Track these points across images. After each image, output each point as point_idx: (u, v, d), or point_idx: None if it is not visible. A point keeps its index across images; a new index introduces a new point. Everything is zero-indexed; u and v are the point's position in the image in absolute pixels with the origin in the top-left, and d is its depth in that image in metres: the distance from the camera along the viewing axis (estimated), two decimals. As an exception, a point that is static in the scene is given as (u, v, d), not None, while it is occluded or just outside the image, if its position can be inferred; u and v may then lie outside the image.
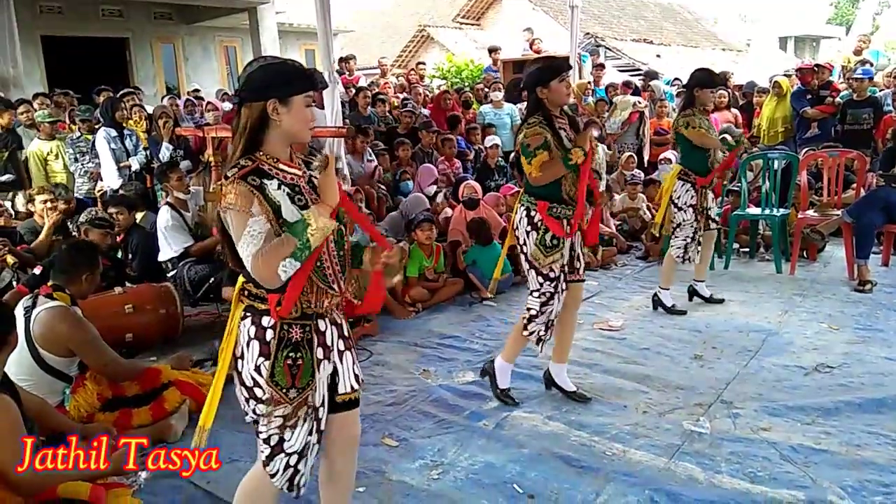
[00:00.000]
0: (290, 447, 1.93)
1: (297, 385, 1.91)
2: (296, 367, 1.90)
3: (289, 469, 1.95)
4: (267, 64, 1.90)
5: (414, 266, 5.09)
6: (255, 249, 1.77)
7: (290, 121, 1.86)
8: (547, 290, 3.22)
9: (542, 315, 3.25)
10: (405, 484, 2.75)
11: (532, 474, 2.78)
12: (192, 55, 13.42)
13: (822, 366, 3.72)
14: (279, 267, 1.75)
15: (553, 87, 3.12)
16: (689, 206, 4.49)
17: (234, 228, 1.81)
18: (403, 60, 18.45)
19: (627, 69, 15.40)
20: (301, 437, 1.94)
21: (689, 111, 4.42)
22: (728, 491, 2.60)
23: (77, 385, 3.12)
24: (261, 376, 1.89)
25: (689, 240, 4.52)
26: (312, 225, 1.77)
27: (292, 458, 1.94)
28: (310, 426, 1.96)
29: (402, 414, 3.35)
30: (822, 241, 5.74)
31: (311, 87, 1.89)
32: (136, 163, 6.07)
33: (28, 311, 3.03)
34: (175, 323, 4.36)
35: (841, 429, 3.04)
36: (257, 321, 1.90)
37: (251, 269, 1.79)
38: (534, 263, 3.22)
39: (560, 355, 3.45)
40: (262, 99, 1.85)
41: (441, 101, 8.53)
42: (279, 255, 1.75)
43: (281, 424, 1.91)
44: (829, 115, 7.52)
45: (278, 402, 1.89)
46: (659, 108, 8.45)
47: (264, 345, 1.89)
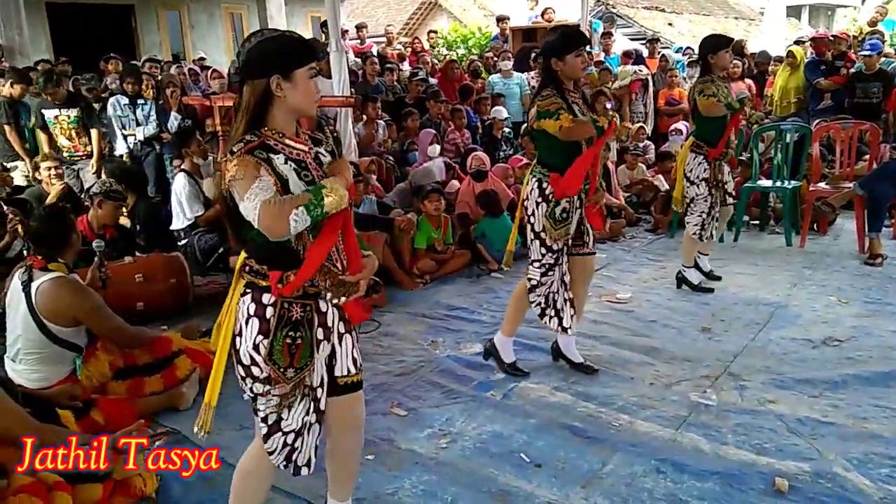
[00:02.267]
0: (288, 426, 1.93)
1: (296, 365, 1.89)
2: (294, 346, 1.88)
3: (286, 447, 1.95)
4: (265, 39, 1.84)
5: (422, 237, 5.09)
6: (266, 197, 1.71)
7: (294, 95, 1.83)
8: (548, 261, 3.22)
9: (542, 286, 3.25)
10: (414, 452, 2.78)
11: (539, 444, 2.81)
12: (197, 23, 13.29)
13: (830, 339, 3.72)
14: (291, 215, 1.68)
15: (568, 61, 3.07)
16: (701, 179, 4.34)
17: (241, 190, 1.74)
18: (410, 28, 18.24)
19: (638, 37, 15.17)
20: (298, 416, 1.94)
21: (707, 77, 4.23)
22: (734, 462, 2.62)
23: (89, 355, 3.14)
24: (259, 355, 1.86)
25: (705, 215, 4.36)
26: (328, 189, 1.75)
27: (289, 436, 1.94)
28: (307, 406, 1.95)
29: (411, 384, 3.38)
30: (834, 213, 5.70)
31: (312, 59, 1.84)
32: (143, 132, 6.06)
33: (26, 284, 2.99)
34: (185, 292, 4.40)
35: (848, 402, 3.05)
36: (257, 298, 1.86)
37: (259, 219, 1.70)
38: (540, 234, 3.21)
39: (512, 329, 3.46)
40: (264, 76, 1.80)
41: (448, 70, 8.44)
42: (292, 204, 1.70)
43: (278, 403, 1.91)
44: (841, 85, 7.41)
45: (276, 381, 1.88)
46: (669, 78, 8.32)
47: (264, 322, 1.85)
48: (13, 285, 3.09)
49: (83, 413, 2.83)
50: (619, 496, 2.45)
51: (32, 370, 3.03)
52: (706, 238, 4.45)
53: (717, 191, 4.39)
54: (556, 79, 3.12)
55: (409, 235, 5.01)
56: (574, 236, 3.29)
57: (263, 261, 1.87)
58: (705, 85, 4.22)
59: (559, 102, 3.05)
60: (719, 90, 4.21)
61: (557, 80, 3.12)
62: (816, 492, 2.43)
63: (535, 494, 2.48)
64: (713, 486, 2.48)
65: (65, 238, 3.17)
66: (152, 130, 6.08)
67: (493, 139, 7.16)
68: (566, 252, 3.27)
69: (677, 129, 7.47)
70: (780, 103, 7.90)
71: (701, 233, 4.41)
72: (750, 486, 2.47)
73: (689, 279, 4.61)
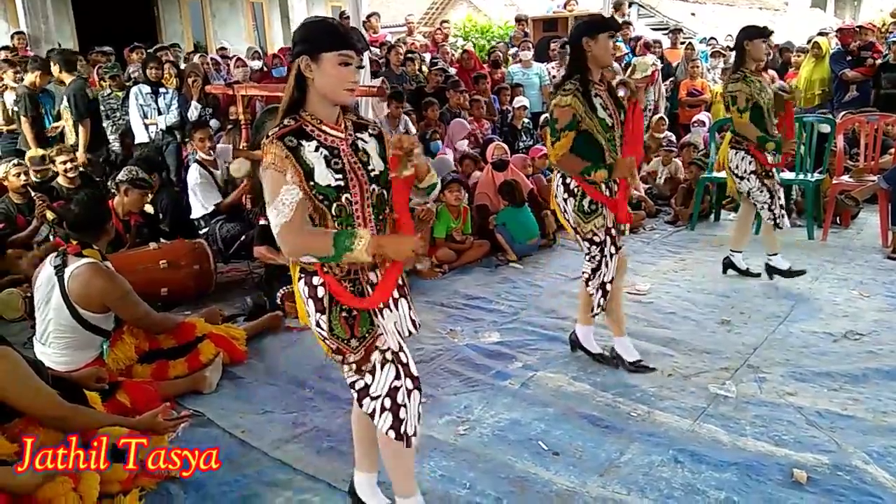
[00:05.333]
0: (375, 391, 1.98)
1: (357, 335, 1.97)
2: (352, 318, 1.96)
3: (385, 412, 1.96)
4: (307, 21, 1.93)
5: (441, 227, 5.11)
6: (284, 220, 1.82)
7: (320, 79, 1.87)
8: (595, 253, 3.21)
9: (596, 278, 3.24)
10: (432, 438, 2.81)
11: (557, 432, 2.83)
12: (218, 12, 13.35)
13: (851, 333, 3.70)
14: (302, 253, 1.88)
15: (601, 41, 3.00)
16: (750, 173, 4.23)
17: (269, 189, 1.85)
18: (430, 18, 18.19)
19: (660, 27, 15.02)
20: (385, 381, 1.98)
21: (739, 74, 4.12)
22: (752, 453, 2.62)
23: (115, 339, 3.22)
24: (322, 330, 1.97)
25: (770, 203, 4.23)
26: (356, 248, 1.79)
27: (384, 401, 1.97)
28: (394, 371, 1.99)
29: (430, 372, 3.41)
30: (857, 207, 5.63)
31: (341, 46, 1.86)
32: (164, 121, 6.13)
33: (59, 269, 3.06)
34: (208, 279, 4.46)
35: (868, 395, 3.04)
36: (309, 281, 1.97)
37: (277, 237, 1.85)
38: (577, 230, 3.21)
39: (587, 318, 3.47)
40: (296, 56, 1.88)
41: (464, 60, 8.44)
42: (307, 246, 1.86)
43: (357, 369, 1.98)
44: (868, 77, 7.30)
45: (343, 351, 1.97)
46: (692, 69, 8.24)
47: (318, 301, 1.96)
48: (45, 270, 3.15)
49: (109, 395, 2.90)
50: (636, 485, 2.47)
51: (61, 353, 3.09)
52: (784, 225, 4.33)
53: (769, 179, 4.26)
54: (583, 66, 3.05)
55: (429, 225, 5.03)
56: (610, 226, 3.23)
57: None
58: (737, 89, 4.08)
59: (573, 107, 2.99)
60: (753, 87, 4.09)
61: (584, 69, 3.06)
62: (835, 484, 2.42)
63: (552, 481, 2.50)
64: (731, 476, 2.49)
65: (102, 224, 3.25)
66: (174, 119, 6.14)
67: (513, 129, 7.15)
68: (610, 243, 3.20)
69: (699, 121, 7.41)
70: (804, 95, 7.79)
71: (776, 220, 4.29)
72: (768, 477, 2.47)
73: (777, 267, 4.49)
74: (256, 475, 2.61)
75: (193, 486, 2.54)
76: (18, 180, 4.91)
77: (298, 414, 3.04)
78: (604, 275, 3.23)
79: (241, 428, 2.92)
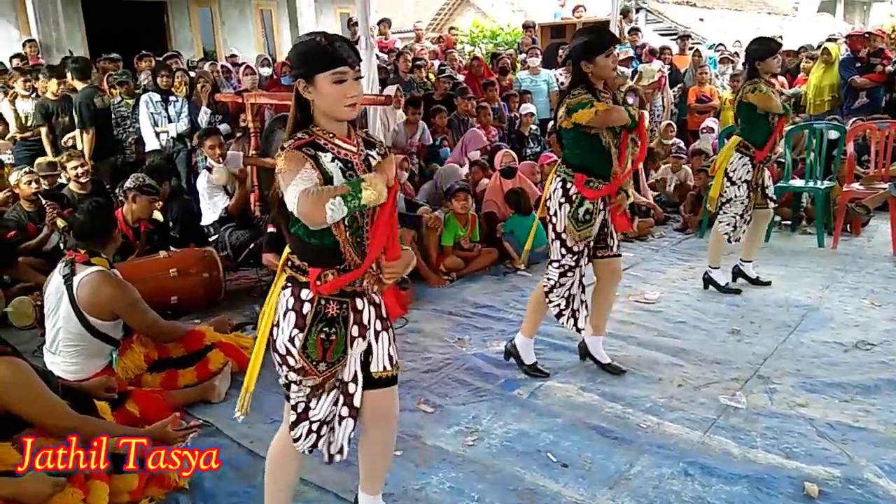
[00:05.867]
0: (315, 415, 1.99)
1: (328, 360, 1.94)
2: (328, 342, 1.93)
3: (311, 434, 2.01)
4: (297, 43, 1.94)
5: (449, 235, 5.11)
6: (305, 187, 1.73)
7: (319, 100, 1.87)
8: (567, 262, 3.22)
9: (561, 287, 3.24)
10: (441, 449, 2.81)
11: (565, 444, 2.81)
12: (228, 19, 13.45)
13: (862, 343, 3.67)
14: (328, 203, 1.69)
15: (598, 62, 3.03)
16: (743, 181, 4.26)
17: (285, 181, 1.77)
18: (438, 24, 18.23)
19: (668, 33, 15.00)
20: (326, 406, 1.99)
21: (754, 82, 4.16)
22: (763, 466, 2.60)
23: (125, 347, 3.23)
24: (294, 347, 1.92)
25: (739, 217, 4.30)
26: (367, 183, 1.75)
27: (315, 425, 2.00)
28: (335, 397, 2.01)
29: (438, 381, 3.41)
30: (867, 215, 5.60)
31: (333, 65, 1.83)
32: (175, 129, 6.16)
33: (68, 278, 3.07)
34: (218, 287, 4.47)
35: (880, 407, 3.01)
36: (296, 293, 1.92)
37: (298, 206, 1.72)
38: (562, 235, 3.20)
39: (597, 328, 3.46)
40: (294, 79, 1.89)
41: (472, 67, 8.45)
42: (330, 193, 1.72)
43: (309, 394, 1.97)
44: (878, 84, 7.26)
45: (308, 373, 1.93)
46: (700, 75, 8.22)
47: (300, 317, 1.91)
48: (54, 279, 3.17)
49: (119, 405, 2.90)
50: (646, 498, 2.45)
51: (71, 362, 3.11)
52: (734, 240, 4.39)
53: (754, 194, 4.31)
54: (588, 81, 3.09)
55: (437, 233, 5.04)
56: (597, 238, 3.27)
57: (304, 257, 1.93)
58: (756, 84, 4.16)
59: (590, 97, 3.04)
60: (768, 90, 4.16)
61: (588, 82, 3.09)
62: (846, 497, 2.40)
63: (561, 494, 2.49)
64: (742, 489, 2.47)
65: (109, 233, 3.26)
66: (184, 127, 6.18)
67: (520, 136, 7.15)
68: (587, 254, 3.25)
69: (708, 127, 7.39)
70: (814, 101, 7.76)
71: (731, 234, 4.35)
72: (779, 491, 2.45)
73: (715, 280, 4.56)
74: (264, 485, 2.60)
75: (202, 497, 2.54)
76: (30, 188, 4.95)
77: (307, 424, 3.03)
78: (570, 284, 3.24)
79: (249, 438, 2.92)
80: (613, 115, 3.04)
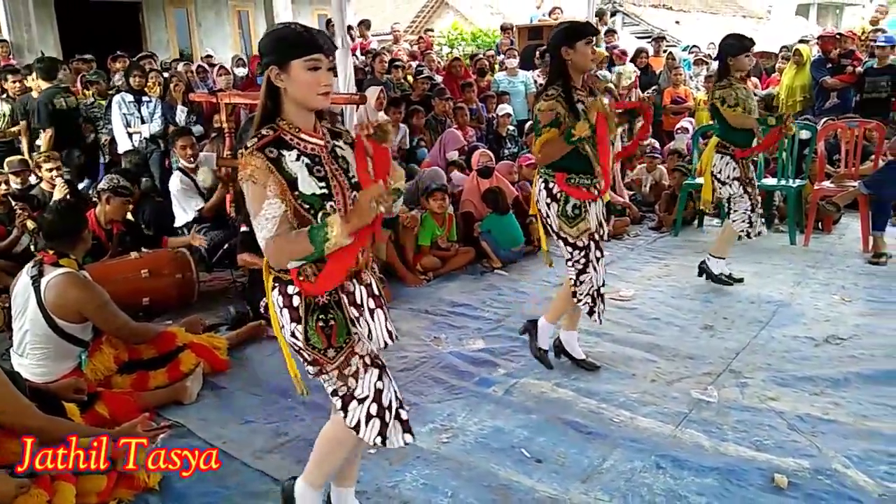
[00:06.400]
0: (361, 393, 1.95)
1: (334, 345, 1.94)
2: (328, 328, 1.93)
3: (371, 419, 1.94)
4: (271, 30, 1.91)
5: (426, 235, 5.10)
6: (269, 235, 1.81)
7: (292, 87, 1.85)
8: (579, 258, 3.21)
9: (583, 284, 3.23)
10: (415, 447, 2.76)
11: (540, 439, 2.82)
12: (204, 20, 13.33)
13: (832, 337, 3.72)
14: (288, 261, 1.84)
15: (579, 49, 3.01)
16: (733, 179, 4.28)
17: (251, 201, 1.84)
18: (417, 26, 18.23)
19: (645, 36, 15.14)
20: (369, 383, 1.95)
21: (726, 82, 4.19)
22: (733, 458, 2.63)
23: (94, 349, 3.18)
24: (299, 341, 1.94)
25: (750, 212, 4.29)
26: (331, 236, 1.76)
27: (370, 406, 1.94)
28: (376, 373, 1.97)
29: (413, 379, 3.40)
30: (838, 212, 5.68)
31: (308, 51, 1.83)
32: (148, 130, 6.09)
33: (35, 279, 3.03)
34: (191, 287, 4.43)
35: (849, 399, 3.06)
36: (283, 290, 1.95)
37: (264, 251, 1.85)
38: (560, 234, 3.21)
39: (570, 323, 3.47)
40: (265, 67, 1.87)
41: (452, 68, 8.46)
42: (291, 253, 1.81)
43: (339, 375, 1.94)
44: (849, 84, 7.39)
45: (320, 362, 1.94)
46: (674, 76, 8.31)
47: (293, 311, 1.94)
48: (22, 280, 3.12)
49: (88, 406, 2.86)
50: (618, 491, 2.47)
51: (38, 364, 3.06)
52: (755, 235, 4.37)
53: (751, 188, 4.32)
54: (565, 74, 3.08)
55: (413, 232, 5.03)
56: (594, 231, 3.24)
57: None
58: (726, 92, 4.16)
59: (556, 108, 3.02)
60: (739, 92, 4.17)
61: (566, 75, 3.08)
62: (815, 488, 2.43)
63: (534, 489, 2.50)
64: (712, 481, 2.49)
65: (78, 233, 3.22)
66: (157, 128, 6.11)
67: (498, 137, 7.17)
68: (595, 248, 3.22)
69: (683, 128, 7.45)
70: (786, 102, 7.88)
71: (749, 230, 4.34)
72: (749, 482, 2.48)
73: (711, 269, 4.56)
74: (237, 486, 2.58)
75: (173, 498, 2.51)
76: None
77: (280, 423, 3.02)
78: (593, 280, 3.24)
79: (222, 439, 2.89)
80: (550, 151, 3.04)
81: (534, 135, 3.13)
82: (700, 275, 4.67)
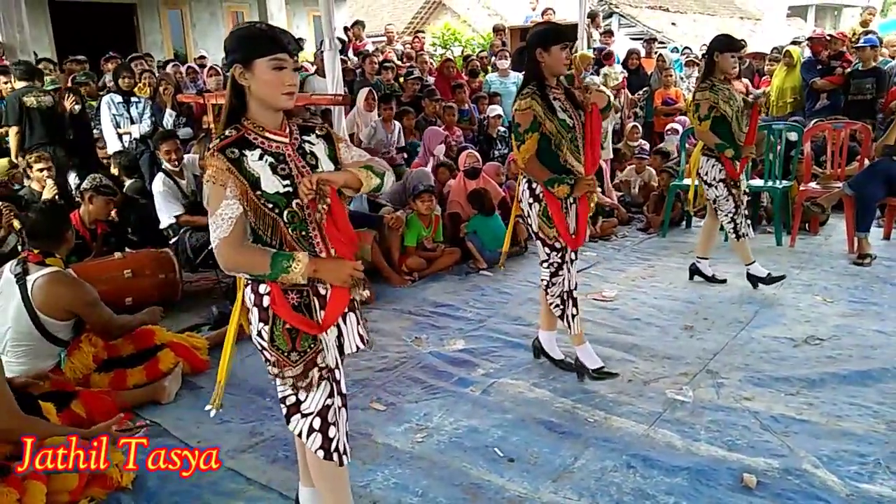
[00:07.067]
0: (307, 408, 1.96)
1: (298, 349, 1.93)
2: (295, 331, 1.92)
3: (314, 433, 1.96)
4: (236, 28, 1.92)
5: (412, 235, 5.12)
6: (223, 235, 1.82)
7: (256, 86, 1.86)
8: (554, 259, 3.22)
9: (555, 286, 3.25)
10: (389, 446, 2.81)
11: (514, 439, 2.83)
12: (199, 21, 13.37)
13: (811, 338, 3.74)
14: (236, 268, 1.87)
15: (553, 52, 3.04)
16: (718, 181, 4.28)
17: (210, 201, 1.85)
18: (414, 27, 18.26)
19: (640, 37, 15.15)
20: (318, 399, 1.96)
21: (708, 83, 4.19)
22: (704, 458, 2.64)
23: (73, 347, 3.20)
24: (264, 341, 1.94)
25: (734, 214, 4.32)
26: (292, 271, 1.81)
27: (313, 420, 1.95)
28: (328, 388, 1.97)
29: (392, 379, 3.42)
30: (824, 213, 5.69)
31: (272, 50, 1.83)
32: (138, 130, 6.10)
33: (20, 278, 3.05)
34: (174, 288, 4.44)
35: (824, 400, 3.07)
36: (255, 288, 1.94)
37: (215, 251, 1.85)
38: (539, 234, 3.22)
39: (549, 323, 3.48)
40: (230, 66, 1.87)
41: (444, 69, 8.48)
42: (243, 264, 1.85)
43: (293, 384, 1.95)
44: (837, 85, 7.40)
45: (282, 364, 1.93)
46: (665, 78, 8.32)
47: (262, 311, 1.93)
48: (4, 278, 3.14)
49: (65, 405, 2.88)
50: (587, 490, 2.48)
51: (18, 362, 3.08)
52: (744, 235, 4.38)
53: (736, 190, 4.32)
54: (539, 74, 3.10)
55: (398, 233, 5.04)
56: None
57: None
58: (703, 96, 4.16)
59: (532, 108, 3.04)
60: (721, 93, 4.15)
61: (540, 76, 3.11)
62: (784, 488, 2.44)
63: (505, 488, 2.51)
64: (682, 481, 2.50)
65: (61, 233, 3.25)
66: (147, 128, 6.12)
67: (489, 138, 7.18)
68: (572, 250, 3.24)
69: (673, 129, 7.47)
70: (776, 103, 7.89)
71: (737, 232, 4.36)
72: (718, 482, 2.49)
73: (702, 270, 4.59)
74: (209, 485, 2.59)
75: (145, 497, 2.53)
76: (-16, 190, 4.88)
77: (256, 423, 3.03)
78: (565, 282, 3.25)
79: (197, 438, 2.91)
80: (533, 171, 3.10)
81: (514, 139, 3.12)
82: (691, 277, 4.69)
